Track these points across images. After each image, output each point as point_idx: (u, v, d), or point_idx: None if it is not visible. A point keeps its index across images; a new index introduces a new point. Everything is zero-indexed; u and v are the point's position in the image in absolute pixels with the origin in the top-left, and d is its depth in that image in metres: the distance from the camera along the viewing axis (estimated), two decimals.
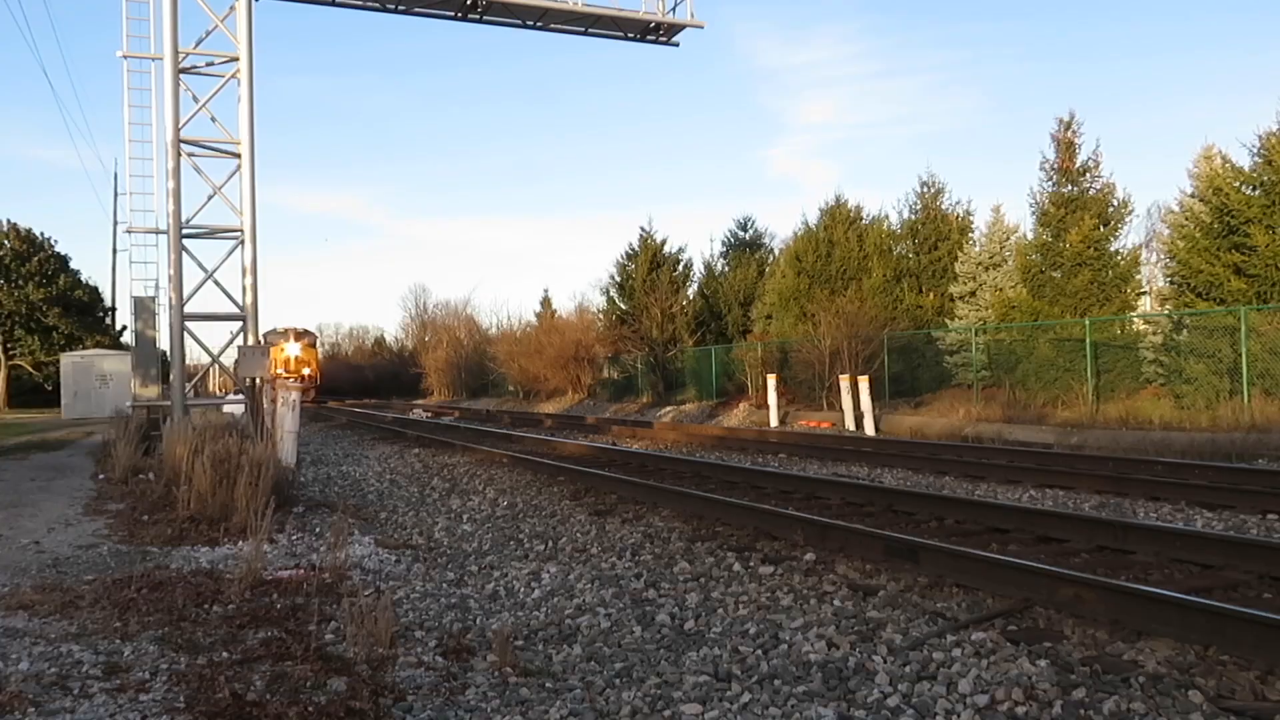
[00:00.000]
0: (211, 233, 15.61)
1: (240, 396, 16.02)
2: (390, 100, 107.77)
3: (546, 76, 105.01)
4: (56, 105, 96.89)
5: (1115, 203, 20.70)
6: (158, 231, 15.94)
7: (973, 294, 23.87)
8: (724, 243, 37.20)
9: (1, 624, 4.80)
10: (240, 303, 15.57)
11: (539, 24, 17.55)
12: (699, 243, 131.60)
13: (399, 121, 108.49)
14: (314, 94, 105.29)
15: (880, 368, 21.71)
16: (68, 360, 34.04)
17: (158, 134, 15.35)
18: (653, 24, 17.70)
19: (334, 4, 16.60)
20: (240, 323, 15.62)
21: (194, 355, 16.10)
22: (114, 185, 66.70)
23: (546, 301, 46.78)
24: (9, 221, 42.19)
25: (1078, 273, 20.17)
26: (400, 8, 16.81)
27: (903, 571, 5.33)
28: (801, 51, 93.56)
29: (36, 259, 41.86)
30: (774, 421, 21.01)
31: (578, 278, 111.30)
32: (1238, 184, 17.59)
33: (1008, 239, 23.94)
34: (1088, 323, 18.50)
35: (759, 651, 4.15)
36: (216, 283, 15.60)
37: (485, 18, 17.16)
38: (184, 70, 14.95)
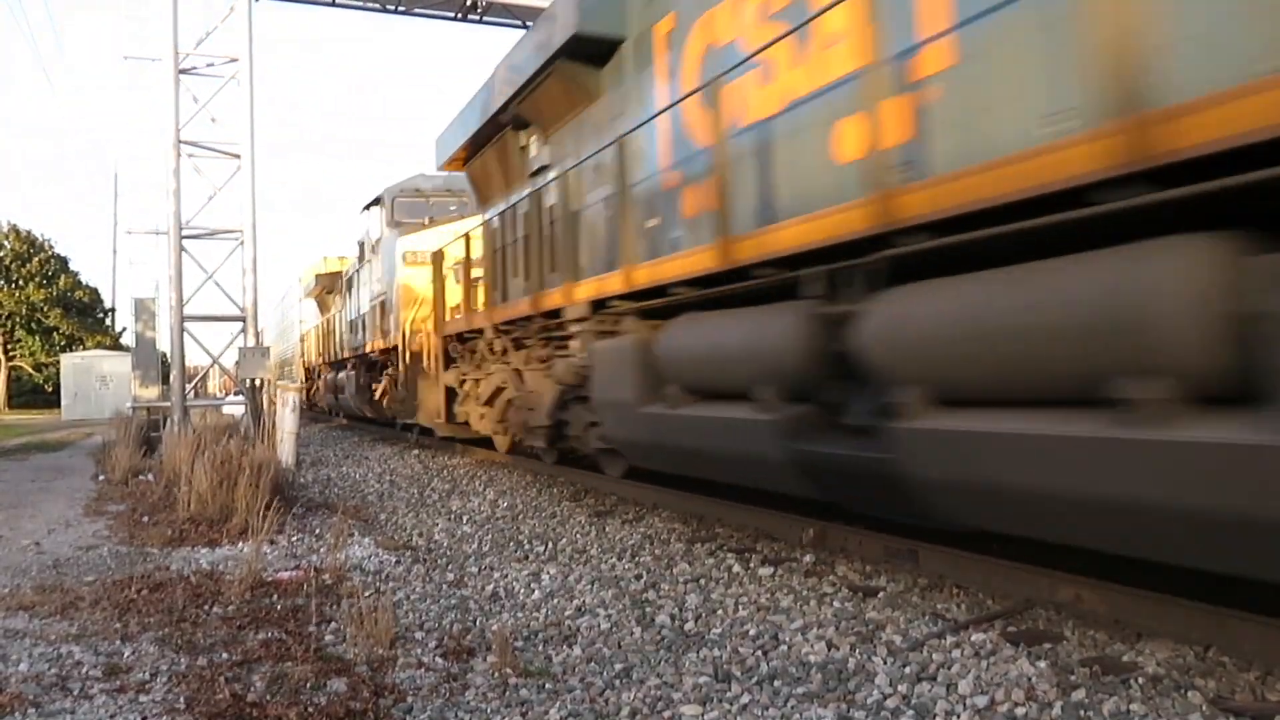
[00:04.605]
0: (211, 233, 15.63)
1: (240, 397, 16.00)
2: (389, 99, 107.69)
3: None
4: (56, 105, 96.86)
5: None
6: (158, 232, 15.99)
7: None
8: None
9: (1, 625, 4.81)
10: (240, 303, 15.58)
11: None
12: None
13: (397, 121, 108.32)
14: (313, 93, 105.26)
15: None
16: (68, 361, 34.07)
17: (158, 134, 15.40)
18: None
19: (334, 4, 16.62)
20: (240, 323, 15.62)
21: (194, 356, 16.12)
22: (114, 186, 66.97)
23: None
24: (9, 222, 42.26)
25: None
26: (400, 8, 16.84)
27: (902, 572, 5.33)
28: None
29: (36, 260, 41.96)
30: None
31: None
32: None
33: None
34: None
35: (759, 653, 4.14)
36: (217, 284, 15.63)
37: (485, 18, 17.19)
38: (184, 71, 14.98)
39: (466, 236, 11.42)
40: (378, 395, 17.20)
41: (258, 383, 15.34)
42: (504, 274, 10.23)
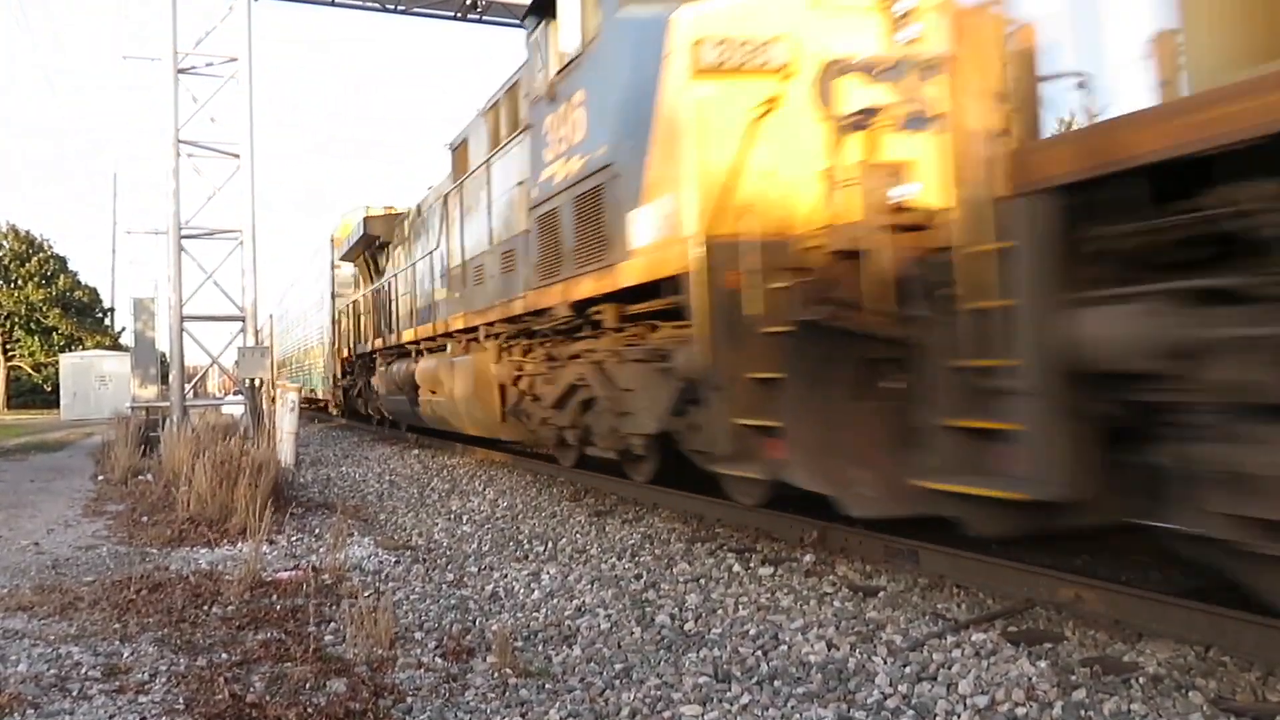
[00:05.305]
0: (211, 233, 15.65)
1: (240, 397, 16.01)
2: (389, 99, 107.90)
3: None
4: (56, 105, 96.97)
5: None
6: (157, 232, 16.03)
7: None
8: None
9: (0, 625, 4.80)
10: (240, 303, 15.60)
11: None
12: None
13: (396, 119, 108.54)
14: (314, 93, 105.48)
15: None
16: (67, 361, 34.11)
17: (157, 134, 15.46)
18: None
19: (333, 4, 16.62)
20: (240, 323, 15.63)
21: (194, 356, 16.13)
22: (114, 186, 67.03)
23: None
24: (8, 222, 42.30)
25: None
26: (400, 8, 16.84)
27: (903, 572, 5.32)
28: None
29: (36, 259, 41.98)
30: None
31: None
32: None
33: None
34: None
35: (759, 652, 4.14)
36: (216, 284, 15.65)
37: (485, 18, 17.20)
38: (183, 71, 15.00)
39: None
40: (551, 401, 9.05)
41: (257, 383, 15.35)
42: None
